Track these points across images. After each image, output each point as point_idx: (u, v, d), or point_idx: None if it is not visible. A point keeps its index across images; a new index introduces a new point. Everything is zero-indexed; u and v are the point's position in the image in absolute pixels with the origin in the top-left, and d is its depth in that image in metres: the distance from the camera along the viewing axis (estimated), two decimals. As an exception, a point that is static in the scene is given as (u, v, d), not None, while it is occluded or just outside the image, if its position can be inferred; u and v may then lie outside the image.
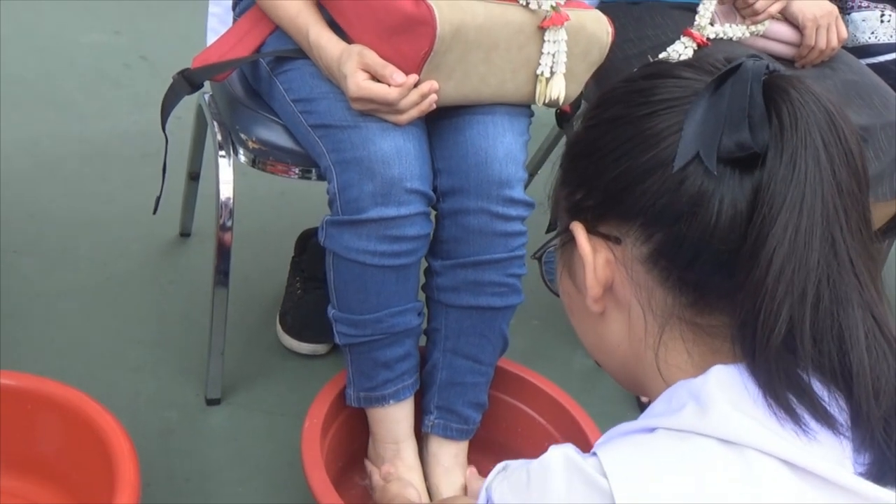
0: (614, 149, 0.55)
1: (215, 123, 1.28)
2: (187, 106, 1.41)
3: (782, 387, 0.50)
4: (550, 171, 0.64)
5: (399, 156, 1.02)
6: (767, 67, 0.53)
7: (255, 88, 1.25)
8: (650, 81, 0.56)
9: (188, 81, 1.15)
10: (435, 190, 1.10)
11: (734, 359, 0.52)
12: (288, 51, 1.13)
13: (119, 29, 2.44)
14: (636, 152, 0.53)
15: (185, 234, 1.69)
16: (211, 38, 1.43)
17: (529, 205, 1.11)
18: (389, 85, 0.99)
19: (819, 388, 0.50)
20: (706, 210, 0.50)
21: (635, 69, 1.52)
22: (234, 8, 1.33)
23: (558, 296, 0.65)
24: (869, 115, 1.34)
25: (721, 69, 0.53)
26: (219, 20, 1.43)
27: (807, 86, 0.52)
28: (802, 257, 0.49)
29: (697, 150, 0.51)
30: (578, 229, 0.57)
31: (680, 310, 0.54)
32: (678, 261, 0.53)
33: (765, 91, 0.51)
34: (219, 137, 1.26)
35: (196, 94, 1.27)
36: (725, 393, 0.50)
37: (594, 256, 0.56)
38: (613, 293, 0.57)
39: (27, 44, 2.28)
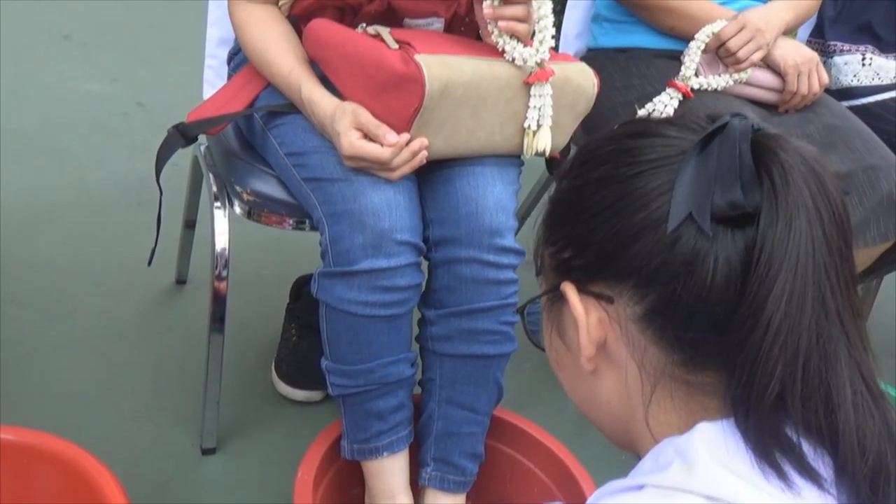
0: (604, 209, 0.55)
1: (211, 175, 1.31)
2: (184, 154, 1.44)
3: (770, 443, 0.50)
4: (536, 223, 0.64)
5: (389, 208, 1.04)
6: (752, 126, 0.53)
7: (249, 141, 1.28)
8: (636, 141, 0.56)
9: (183, 135, 1.18)
10: (427, 240, 1.12)
11: (721, 415, 0.53)
12: (281, 106, 1.15)
13: (117, 77, 2.48)
14: (627, 213, 0.54)
15: (181, 281, 1.70)
16: (207, 91, 1.47)
17: (520, 253, 1.13)
18: (382, 145, 1.02)
19: (805, 444, 0.51)
20: (701, 269, 0.51)
21: (623, 118, 1.56)
22: (228, 62, 1.37)
23: (543, 350, 0.66)
24: (852, 159, 1.36)
25: (705, 127, 0.54)
26: (214, 73, 1.47)
27: (793, 145, 0.53)
28: (796, 318, 0.50)
29: (690, 211, 0.51)
30: (570, 290, 0.57)
31: (672, 368, 0.55)
32: (673, 320, 0.53)
33: (753, 150, 0.52)
34: (214, 189, 1.28)
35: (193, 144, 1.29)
36: (710, 450, 0.51)
37: (587, 316, 0.56)
38: (606, 351, 0.57)
39: (26, 94, 2.31)
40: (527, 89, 1.08)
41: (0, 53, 2.41)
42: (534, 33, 1.07)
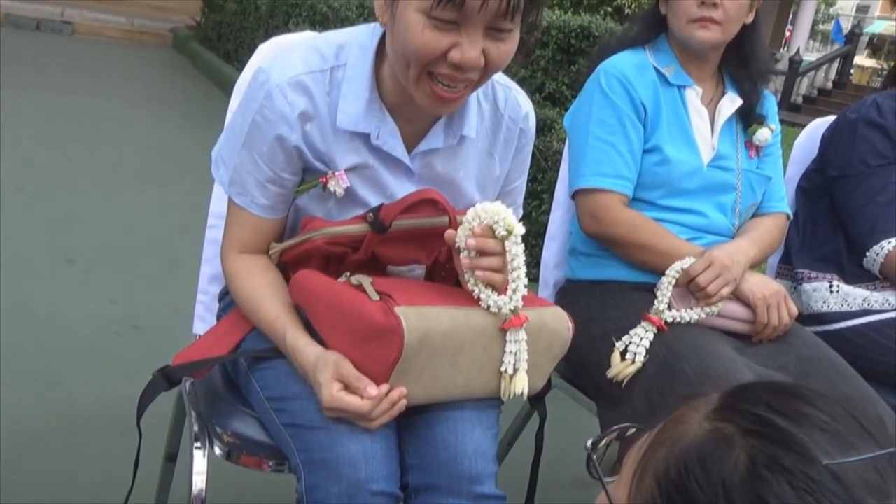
0: None
1: (193, 413, 1.31)
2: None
3: None
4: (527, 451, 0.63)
5: (366, 458, 1.04)
6: None
7: (234, 380, 1.30)
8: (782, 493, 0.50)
9: (167, 378, 1.19)
10: (407, 486, 1.11)
11: None
12: (264, 351, 1.19)
13: (115, 298, 2.55)
14: None
15: (158, 515, 1.65)
16: (197, 325, 1.51)
17: (501, 498, 1.11)
18: (362, 397, 1.04)
19: None
20: None
21: (601, 349, 1.54)
22: (219, 300, 1.42)
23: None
24: (826, 390, 1.38)
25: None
26: (205, 308, 1.52)
27: None
28: None
29: None
30: None
31: None
32: None
33: None
34: (195, 428, 1.28)
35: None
36: None
37: None
38: None
39: (26, 317, 2.36)
40: (503, 335, 1.12)
41: (6, 276, 2.49)
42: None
